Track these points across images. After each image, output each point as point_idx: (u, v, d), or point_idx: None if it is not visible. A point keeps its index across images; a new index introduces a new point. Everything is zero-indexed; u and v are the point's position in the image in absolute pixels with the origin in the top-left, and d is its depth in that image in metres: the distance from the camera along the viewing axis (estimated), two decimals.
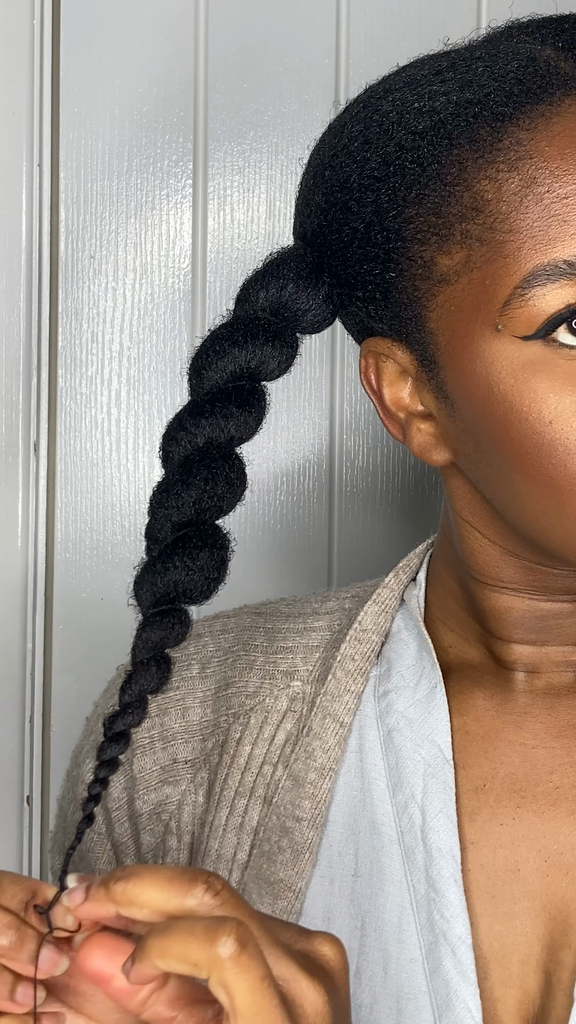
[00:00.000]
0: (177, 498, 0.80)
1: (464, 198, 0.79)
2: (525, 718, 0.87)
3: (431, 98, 0.80)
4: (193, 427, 0.81)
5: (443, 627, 0.91)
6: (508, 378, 0.79)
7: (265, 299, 0.84)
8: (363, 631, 0.92)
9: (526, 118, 0.78)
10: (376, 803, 0.87)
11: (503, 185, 0.78)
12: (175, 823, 0.92)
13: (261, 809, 0.89)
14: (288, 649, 0.94)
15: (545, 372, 0.78)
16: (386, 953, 0.85)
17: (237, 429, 0.81)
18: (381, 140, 0.81)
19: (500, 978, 0.84)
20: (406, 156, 0.80)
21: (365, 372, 0.86)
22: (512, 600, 0.87)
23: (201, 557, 0.79)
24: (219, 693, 0.93)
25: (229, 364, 0.82)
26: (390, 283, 0.82)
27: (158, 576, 0.78)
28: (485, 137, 0.79)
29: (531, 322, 0.77)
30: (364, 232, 0.82)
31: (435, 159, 0.79)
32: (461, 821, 0.86)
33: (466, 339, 0.80)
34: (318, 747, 0.89)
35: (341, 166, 0.83)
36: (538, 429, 0.78)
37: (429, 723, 0.88)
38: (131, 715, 0.77)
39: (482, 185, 0.78)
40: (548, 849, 0.85)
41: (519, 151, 0.78)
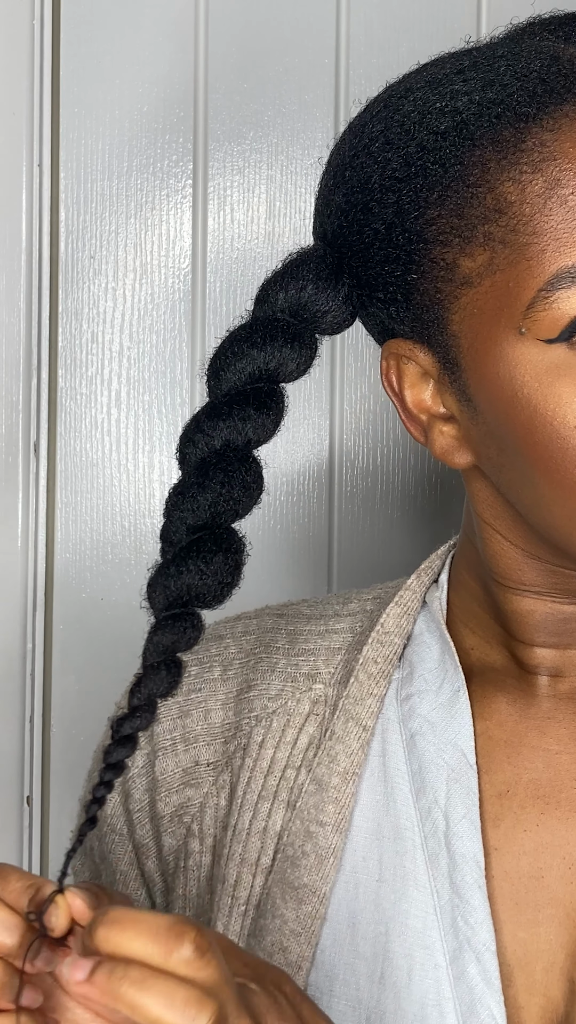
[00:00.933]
0: (193, 500, 0.79)
1: (487, 200, 0.78)
2: (549, 723, 0.87)
3: (453, 98, 0.80)
4: (210, 429, 0.80)
5: (465, 630, 0.91)
6: (532, 382, 0.78)
7: (284, 300, 0.83)
8: (385, 633, 0.91)
9: (550, 119, 0.78)
10: (400, 808, 0.87)
11: (526, 187, 0.77)
12: (197, 825, 0.91)
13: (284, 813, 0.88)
14: (310, 651, 0.93)
15: (570, 376, 0.77)
16: (410, 959, 0.84)
17: (255, 431, 0.81)
18: (402, 140, 0.81)
19: (524, 985, 0.83)
20: (428, 157, 0.80)
21: (386, 374, 0.85)
22: (534, 603, 0.86)
23: (215, 561, 0.78)
24: (241, 695, 0.93)
25: (247, 365, 0.82)
26: (412, 285, 0.81)
27: (171, 579, 0.78)
28: (508, 138, 0.78)
29: (555, 325, 0.77)
30: (385, 233, 0.81)
31: (457, 160, 0.79)
32: (485, 827, 0.85)
33: (489, 342, 0.79)
34: (341, 751, 0.88)
35: (362, 166, 0.82)
36: (563, 434, 0.78)
37: (452, 727, 0.87)
38: (139, 719, 0.77)
39: (505, 187, 0.78)
40: (572, 856, 0.84)
41: (543, 152, 0.77)
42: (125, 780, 0.94)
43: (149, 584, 0.78)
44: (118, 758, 0.76)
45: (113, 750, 0.76)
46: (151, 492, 1.36)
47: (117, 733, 0.77)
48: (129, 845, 0.94)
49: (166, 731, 0.93)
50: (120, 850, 0.95)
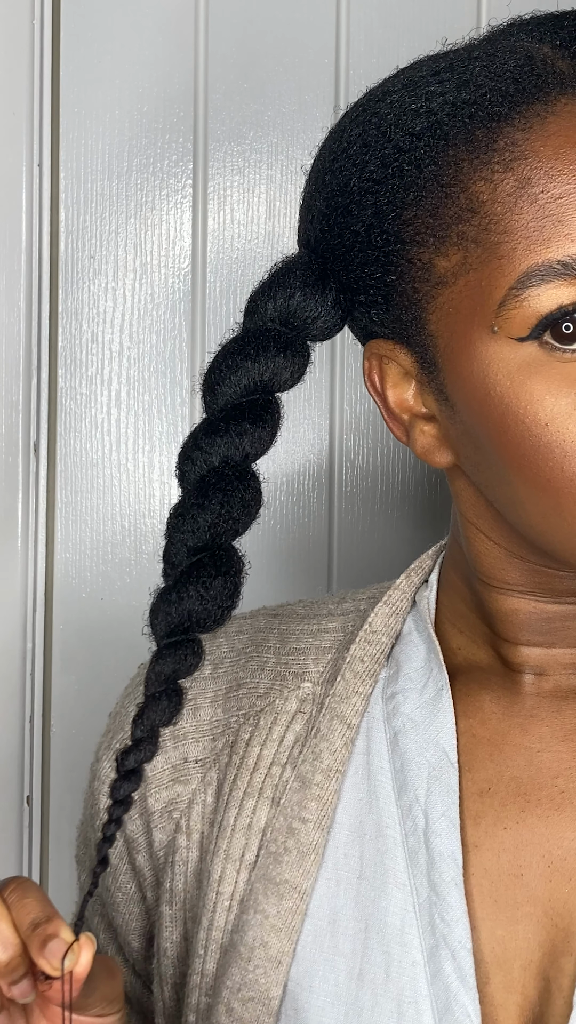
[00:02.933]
0: (193, 522, 0.80)
1: (460, 199, 0.79)
2: (531, 721, 0.87)
3: (428, 99, 0.80)
4: (208, 446, 0.81)
5: (452, 629, 0.91)
6: (504, 380, 0.78)
7: (274, 309, 0.83)
8: (373, 632, 0.91)
9: (521, 118, 0.78)
10: (382, 805, 0.87)
11: (498, 186, 0.78)
12: (185, 821, 0.92)
13: (269, 810, 0.89)
14: (300, 651, 0.94)
15: (541, 374, 0.78)
16: (388, 956, 0.84)
17: (252, 446, 0.82)
18: (379, 142, 0.81)
19: (502, 983, 0.83)
20: (403, 158, 0.80)
21: (369, 374, 0.86)
22: (518, 602, 0.87)
23: (215, 586, 0.79)
24: (230, 693, 0.94)
25: (242, 378, 0.82)
26: (391, 286, 0.82)
27: (173, 606, 0.79)
28: (481, 138, 0.78)
29: (525, 323, 0.77)
30: (365, 235, 0.82)
31: (432, 160, 0.79)
32: (465, 825, 0.86)
33: (464, 341, 0.80)
34: (325, 749, 0.89)
35: (341, 170, 0.83)
36: (535, 431, 0.78)
37: (435, 726, 0.87)
38: (143, 751, 0.78)
39: (477, 186, 0.78)
40: (552, 854, 0.84)
41: (514, 151, 0.78)
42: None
43: (152, 610, 0.80)
44: (125, 793, 0.78)
45: (119, 785, 0.78)
46: (151, 492, 1.36)
47: (122, 767, 0.78)
48: (120, 840, 0.95)
49: None
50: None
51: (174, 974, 0.92)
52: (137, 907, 0.96)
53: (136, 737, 0.79)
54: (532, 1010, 0.83)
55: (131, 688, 0.98)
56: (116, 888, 0.96)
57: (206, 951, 0.88)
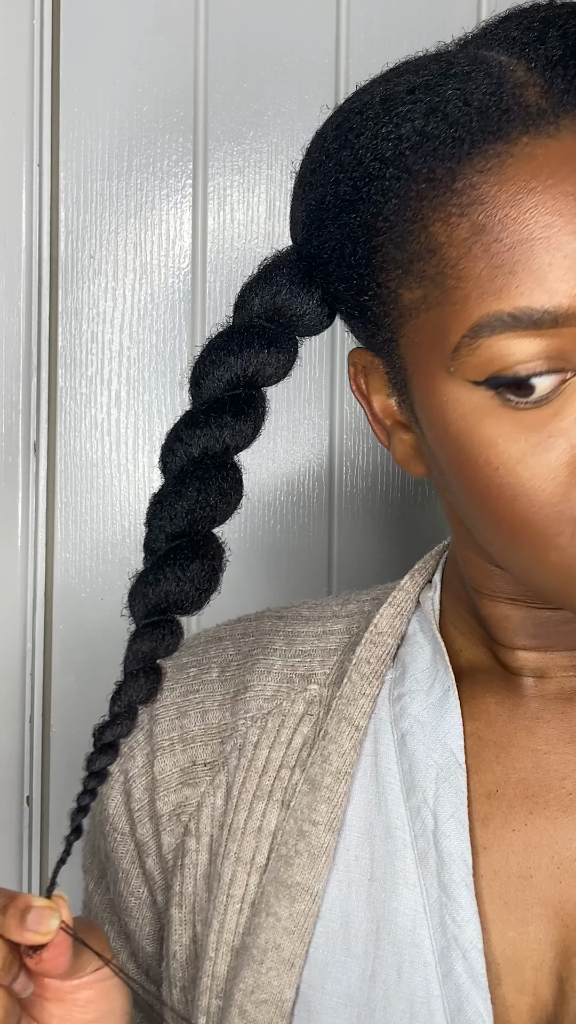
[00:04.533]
0: (170, 508, 0.81)
1: (421, 237, 0.77)
2: (537, 723, 0.87)
3: (398, 124, 0.78)
4: (188, 438, 0.82)
5: (455, 631, 0.91)
6: (460, 420, 0.78)
7: (260, 305, 0.83)
8: (378, 634, 0.91)
9: (481, 158, 0.76)
10: (391, 807, 0.87)
11: (454, 230, 0.76)
12: (194, 824, 0.92)
13: (279, 813, 0.89)
14: (306, 653, 0.94)
15: (493, 418, 0.77)
16: (400, 957, 0.84)
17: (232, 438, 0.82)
18: (351, 164, 0.80)
19: (513, 984, 0.83)
20: (372, 185, 0.79)
21: (354, 378, 0.86)
22: (509, 609, 0.86)
23: (192, 568, 0.80)
24: (238, 696, 0.94)
25: (225, 373, 0.82)
26: (364, 305, 0.81)
27: (150, 587, 0.81)
28: (441, 176, 0.76)
29: (479, 370, 0.76)
30: (339, 252, 0.81)
31: (395, 193, 0.78)
32: (473, 826, 0.86)
33: (427, 374, 0.79)
34: (334, 751, 0.89)
35: (318, 184, 0.82)
36: (486, 473, 0.77)
37: (442, 727, 0.87)
38: (120, 726, 0.79)
39: (436, 227, 0.77)
40: (561, 855, 0.84)
41: (471, 195, 0.75)
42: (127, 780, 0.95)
43: (130, 593, 0.82)
44: (100, 766, 0.79)
45: (95, 758, 0.79)
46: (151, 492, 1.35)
47: (99, 741, 0.79)
48: (131, 843, 0.95)
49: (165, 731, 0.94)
50: (122, 848, 0.96)
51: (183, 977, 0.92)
52: (150, 911, 0.96)
53: (114, 712, 0.80)
54: (545, 1011, 0.83)
55: None
56: (129, 893, 0.96)
57: (217, 953, 0.88)
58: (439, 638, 0.90)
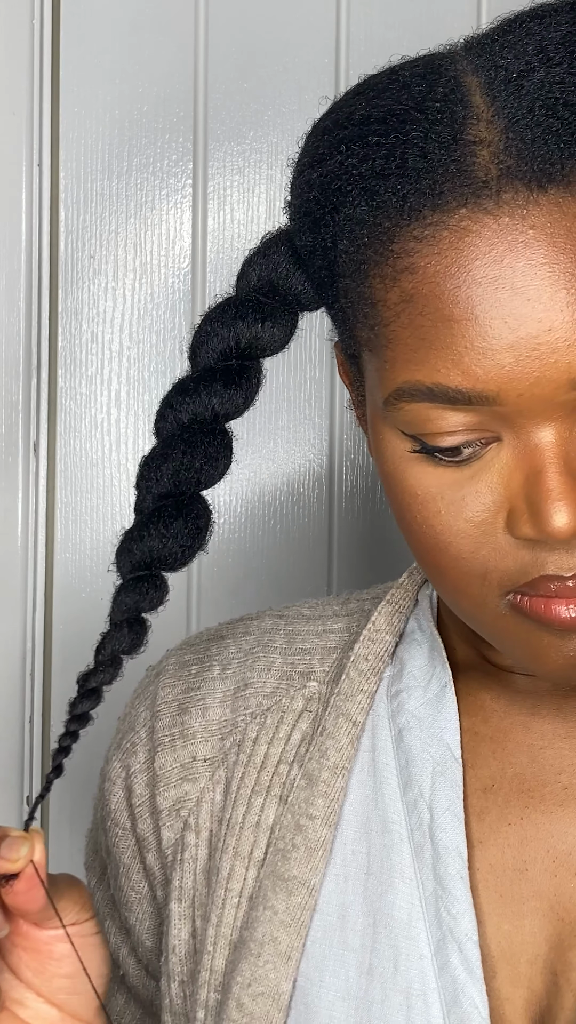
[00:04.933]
0: (156, 470, 0.83)
1: (364, 286, 0.78)
2: (533, 719, 0.88)
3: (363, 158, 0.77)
4: (178, 404, 0.83)
5: (452, 627, 0.92)
6: (391, 460, 0.79)
7: (257, 278, 0.84)
8: (376, 631, 0.92)
9: (420, 225, 0.75)
10: (387, 801, 0.88)
11: (387, 292, 0.76)
12: (194, 819, 0.93)
13: (277, 807, 0.90)
14: (306, 651, 0.95)
15: (418, 469, 0.78)
16: (396, 949, 0.85)
17: (222, 405, 0.83)
18: (318, 186, 0.79)
19: (508, 977, 0.84)
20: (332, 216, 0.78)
21: (341, 364, 0.87)
22: None
23: (175, 526, 0.82)
24: (238, 693, 0.94)
25: (219, 344, 0.83)
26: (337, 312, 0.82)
27: (135, 544, 0.83)
28: (384, 232, 0.76)
29: (406, 426, 0.77)
30: (311, 255, 0.82)
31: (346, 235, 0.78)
32: (469, 820, 0.86)
33: (372, 405, 0.81)
34: (331, 746, 0.89)
35: (299, 191, 0.82)
36: (408, 517, 0.79)
37: (439, 722, 0.88)
38: (103, 673, 0.82)
39: (375, 282, 0.77)
40: (556, 849, 0.85)
41: (405, 261, 0.75)
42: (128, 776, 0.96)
43: (117, 551, 0.84)
44: (83, 710, 0.82)
45: (79, 703, 0.82)
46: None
47: (83, 687, 0.82)
48: (132, 839, 0.96)
49: (165, 727, 0.95)
50: (123, 844, 0.97)
51: (182, 971, 0.92)
52: (150, 906, 0.96)
53: (98, 661, 0.82)
54: (539, 1004, 0.83)
55: (140, 691, 0.99)
56: (129, 887, 0.97)
57: (215, 947, 0.89)
58: (436, 635, 0.90)
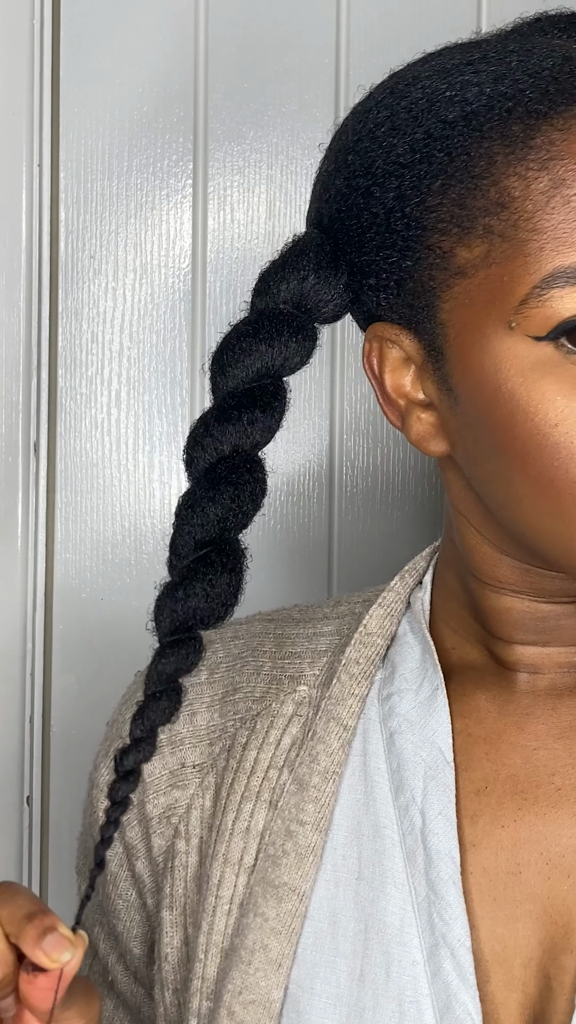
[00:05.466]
0: (203, 515, 0.81)
1: (491, 193, 0.78)
2: (527, 719, 0.87)
3: (463, 88, 0.79)
4: (219, 433, 0.82)
5: (446, 628, 0.91)
6: (516, 376, 0.78)
7: (287, 291, 0.83)
8: (368, 635, 0.91)
9: (560, 118, 0.78)
10: (379, 806, 0.87)
11: (531, 183, 0.77)
12: (184, 826, 0.92)
13: (267, 813, 0.89)
14: (296, 654, 0.94)
15: (555, 374, 0.77)
16: (388, 956, 0.84)
17: (261, 434, 0.82)
18: (409, 127, 0.80)
19: (502, 981, 0.83)
20: (434, 145, 0.79)
21: (368, 356, 0.85)
22: (512, 601, 0.86)
23: (220, 583, 0.81)
24: (226, 698, 0.94)
25: (255, 362, 0.82)
26: (405, 272, 0.81)
27: (179, 603, 0.81)
28: (517, 133, 0.78)
29: (545, 323, 0.77)
30: (384, 218, 0.81)
31: (464, 151, 0.79)
32: (462, 823, 0.86)
33: (477, 334, 0.79)
34: (322, 751, 0.89)
35: (366, 151, 0.82)
36: (543, 430, 0.78)
37: (430, 725, 0.87)
38: (141, 751, 0.80)
39: (510, 181, 0.78)
40: (550, 852, 0.84)
41: (551, 151, 0.77)
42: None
43: (157, 606, 0.81)
44: (124, 794, 0.79)
45: (117, 786, 0.79)
46: (151, 492, 1.36)
47: (120, 768, 0.79)
48: (120, 846, 0.95)
49: None
50: (111, 851, 0.95)
51: (175, 979, 0.91)
52: (138, 914, 0.95)
53: (135, 737, 0.80)
54: (533, 1008, 0.83)
55: (128, 695, 0.98)
56: (117, 895, 0.96)
57: (207, 955, 0.88)
58: (428, 637, 0.90)
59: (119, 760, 0.79)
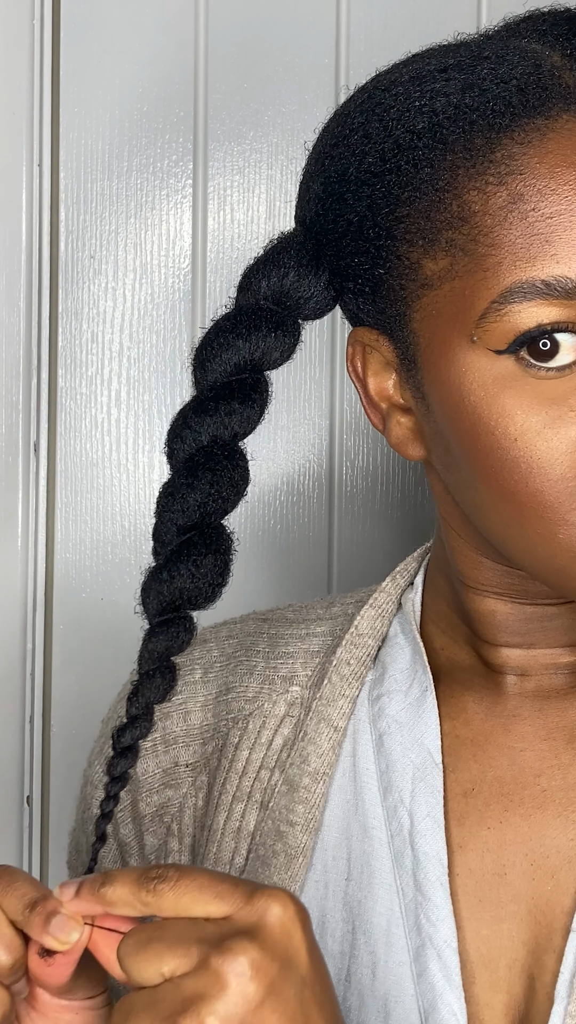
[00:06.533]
0: (183, 501, 0.82)
1: (452, 206, 0.78)
2: (514, 721, 0.87)
3: (432, 97, 0.79)
4: (197, 425, 0.82)
5: (436, 629, 0.91)
6: (479, 390, 0.78)
7: (267, 288, 0.84)
8: (359, 635, 0.91)
9: (521, 131, 0.77)
10: (368, 807, 0.87)
11: (490, 198, 0.77)
12: (176, 825, 0.92)
13: (258, 813, 0.89)
14: (289, 655, 0.94)
15: (514, 389, 0.77)
16: (375, 956, 0.84)
17: (240, 425, 0.82)
18: (380, 135, 0.80)
19: (488, 983, 0.83)
20: (402, 156, 0.80)
21: (351, 359, 0.86)
22: (496, 603, 0.86)
23: (206, 564, 0.81)
24: (220, 698, 0.94)
25: (232, 356, 0.83)
26: (379, 279, 0.82)
27: (164, 584, 0.81)
28: (479, 146, 0.78)
29: (504, 337, 0.77)
30: (357, 225, 0.81)
31: (428, 162, 0.79)
32: (449, 825, 0.86)
33: (444, 345, 0.79)
34: (312, 752, 0.89)
35: (340, 156, 0.82)
36: (503, 444, 0.78)
37: (419, 727, 0.87)
38: (138, 728, 0.80)
39: (471, 195, 0.78)
40: (535, 853, 0.84)
41: (510, 165, 0.77)
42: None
43: (143, 589, 0.82)
44: (122, 769, 0.80)
45: (116, 762, 0.80)
46: (151, 492, 1.36)
47: (118, 744, 0.80)
48: (114, 843, 0.95)
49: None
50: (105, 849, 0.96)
51: None
52: None
53: (131, 715, 0.80)
54: (518, 1009, 0.83)
55: (123, 694, 0.98)
56: None
57: None
58: (419, 639, 0.90)
59: (116, 737, 0.80)
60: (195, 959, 0.67)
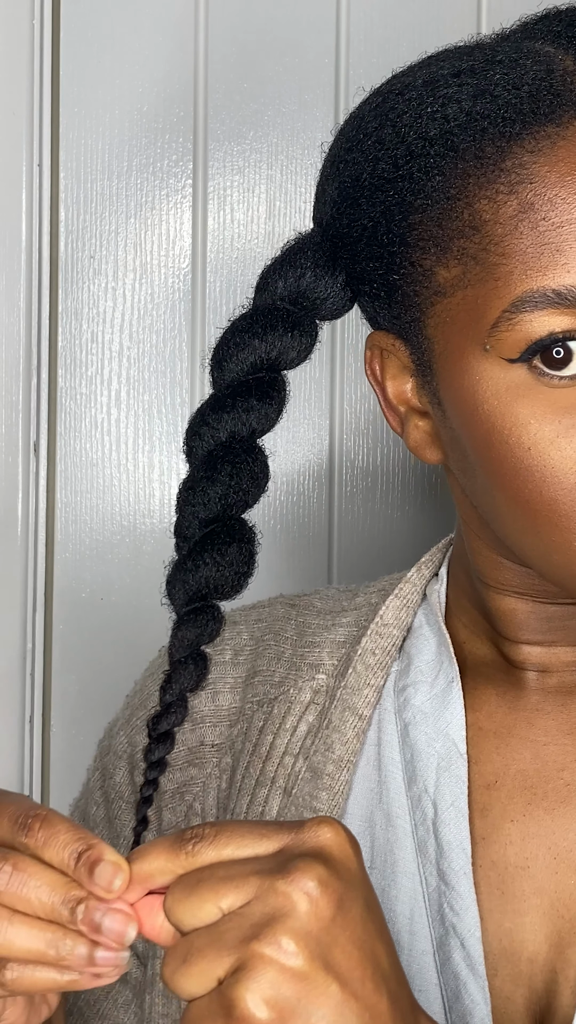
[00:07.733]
0: (203, 495, 0.82)
1: (464, 214, 0.78)
2: (537, 715, 0.87)
3: (444, 104, 0.79)
4: (215, 421, 0.82)
5: (458, 623, 0.91)
6: (492, 399, 0.78)
7: (284, 288, 0.84)
8: (384, 626, 0.92)
9: (532, 139, 0.77)
10: (392, 796, 0.88)
11: (501, 207, 0.77)
12: (199, 804, 0.92)
13: (281, 799, 0.89)
14: (316, 644, 0.94)
15: (527, 398, 0.78)
16: (398, 945, 0.85)
17: (258, 422, 0.83)
18: (393, 142, 0.80)
19: (510, 976, 0.83)
20: (414, 163, 0.79)
21: (370, 363, 0.86)
22: (516, 602, 0.87)
23: (230, 552, 0.81)
24: (248, 681, 0.94)
25: (249, 356, 0.83)
26: (393, 285, 0.82)
27: (189, 574, 0.81)
28: (490, 155, 0.78)
29: (516, 346, 0.77)
30: (372, 231, 0.82)
31: (440, 171, 0.79)
32: (472, 816, 0.86)
33: (457, 353, 0.80)
34: (336, 740, 0.89)
35: (355, 161, 0.82)
36: (517, 453, 0.78)
37: (444, 717, 0.88)
38: (174, 715, 0.80)
39: (481, 204, 0.78)
40: (558, 846, 0.85)
41: (520, 174, 0.77)
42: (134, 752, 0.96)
43: (168, 581, 0.82)
44: (159, 755, 0.80)
45: (153, 748, 0.80)
46: (151, 492, 1.36)
47: (154, 731, 0.80)
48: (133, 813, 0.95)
49: None
50: (125, 817, 0.96)
51: None
52: None
53: (166, 702, 0.80)
54: (539, 1002, 0.83)
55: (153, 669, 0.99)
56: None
57: None
58: (444, 630, 0.90)
59: (152, 725, 0.80)
60: (254, 888, 0.66)
